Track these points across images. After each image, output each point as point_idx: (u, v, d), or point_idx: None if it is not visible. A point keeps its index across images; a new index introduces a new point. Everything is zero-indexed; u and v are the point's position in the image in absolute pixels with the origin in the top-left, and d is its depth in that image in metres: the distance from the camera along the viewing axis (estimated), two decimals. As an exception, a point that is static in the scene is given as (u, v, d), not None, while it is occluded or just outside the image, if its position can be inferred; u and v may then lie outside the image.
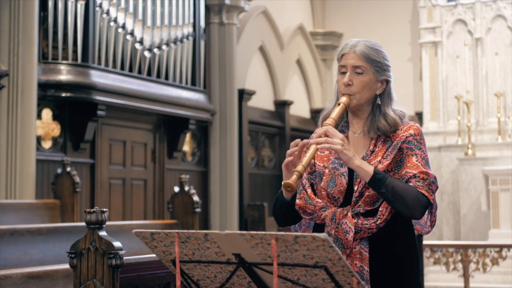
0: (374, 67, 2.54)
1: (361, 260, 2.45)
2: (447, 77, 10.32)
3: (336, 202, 2.52)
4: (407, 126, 2.54)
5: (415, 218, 2.48)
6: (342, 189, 2.50)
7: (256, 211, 9.47)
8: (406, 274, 2.51)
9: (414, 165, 2.47)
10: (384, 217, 2.45)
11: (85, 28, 7.12)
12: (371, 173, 2.42)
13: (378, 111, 2.56)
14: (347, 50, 2.56)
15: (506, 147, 9.80)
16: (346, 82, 2.54)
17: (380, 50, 2.57)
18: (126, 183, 7.98)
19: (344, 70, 2.57)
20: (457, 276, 7.36)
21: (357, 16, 11.82)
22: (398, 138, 2.51)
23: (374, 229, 2.45)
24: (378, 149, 2.52)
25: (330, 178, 2.53)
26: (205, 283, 2.10)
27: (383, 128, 2.52)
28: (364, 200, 2.47)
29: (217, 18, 9.24)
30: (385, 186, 2.41)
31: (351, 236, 2.44)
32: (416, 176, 2.45)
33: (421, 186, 2.44)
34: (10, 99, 6.28)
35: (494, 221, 9.03)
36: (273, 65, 10.74)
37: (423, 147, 2.51)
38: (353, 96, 2.54)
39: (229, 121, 9.19)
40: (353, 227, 2.44)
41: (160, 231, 2.02)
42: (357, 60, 2.53)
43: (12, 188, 6.18)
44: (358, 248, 2.46)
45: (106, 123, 7.68)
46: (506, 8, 10.12)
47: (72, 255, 3.00)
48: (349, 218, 2.45)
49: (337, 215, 2.47)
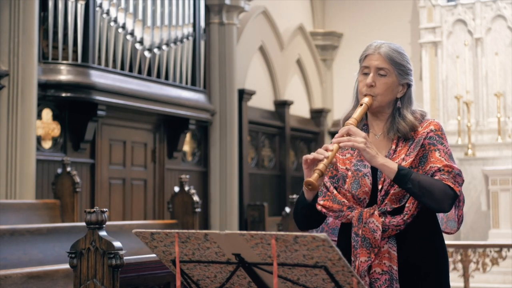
0: (398, 70, 2.54)
1: (390, 259, 2.45)
2: (447, 77, 10.32)
3: (362, 203, 2.51)
4: (427, 123, 2.54)
5: (444, 211, 2.47)
6: (367, 189, 2.50)
7: (256, 211, 9.47)
8: (435, 274, 2.51)
9: (438, 159, 2.47)
10: (411, 213, 2.45)
11: (85, 28, 7.12)
12: (395, 170, 2.42)
13: (398, 114, 2.55)
14: (371, 51, 2.56)
15: (506, 147, 9.80)
16: (369, 83, 2.53)
17: (404, 53, 2.57)
18: (126, 183, 7.98)
19: (367, 71, 2.56)
20: (457, 276, 7.36)
21: (357, 16, 11.82)
22: (419, 135, 2.51)
23: (402, 225, 2.45)
24: (400, 147, 2.53)
25: (353, 180, 2.52)
26: (205, 283, 2.10)
27: (403, 130, 2.52)
28: (390, 198, 2.47)
29: (217, 18, 9.24)
30: (411, 182, 2.40)
31: (378, 235, 2.44)
32: (441, 170, 2.45)
33: (447, 179, 2.44)
34: (10, 99, 6.28)
35: (494, 221, 9.03)
36: (273, 65, 10.74)
37: (444, 141, 2.52)
38: (375, 97, 2.53)
39: (229, 121, 9.19)
40: (381, 225, 2.44)
41: (160, 231, 2.02)
42: (381, 61, 2.53)
43: (12, 188, 6.18)
44: (387, 247, 2.46)
45: (106, 123, 7.68)
46: (506, 8, 10.12)
47: (72, 255, 3.00)
48: (376, 217, 2.45)
49: (364, 215, 2.46)
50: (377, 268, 2.46)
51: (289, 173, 10.79)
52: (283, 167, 10.70)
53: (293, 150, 11.13)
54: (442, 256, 2.55)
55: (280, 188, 10.64)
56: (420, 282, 2.48)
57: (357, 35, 11.63)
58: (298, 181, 10.98)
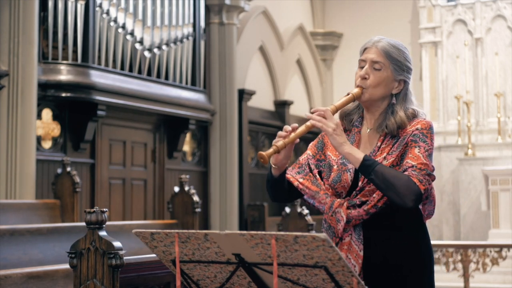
0: (393, 65, 2.54)
1: (356, 257, 2.45)
2: (447, 77, 10.32)
3: (338, 196, 2.54)
4: (416, 122, 2.52)
5: (407, 207, 2.41)
6: (346, 185, 2.52)
7: (256, 211, 9.47)
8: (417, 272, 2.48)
9: (415, 156, 2.45)
10: (373, 203, 2.45)
11: (85, 28, 7.12)
12: (360, 160, 2.43)
13: (391, 110, 2.55)
14: (369, 44, 2.57)
15: (506, 147, 9.80)
16: (363, 75, 2.54)
17: (403, 50, 2.57)
18: (126, 183, 7.98)
19: (363, 64, 2.57)
20: (457, 276, 7.36)
21: (357, 16, 11.82)
22: (405, 133, 2.51)
23: (364, 215, 2.46)
24: (385, 145, 2.52)
25: (337, 174, 2.55)
26: (205, 283, 2.10)
27: (390, 127, 2.51)
28: (363, 193, 2.49)
29: (217, 18, 9.24)
30: (374, 173, 2.40)
31: (341, 225, 2.46)
32: (414, 166, 2.43)
33: (415, 175, 2.41)
34: (10, 99, 6.28)
35: (494, 221, 9.03)
36: (273, 65, 10.74)
37: (428, 140, 2.48)
38: (366, 90, 2.54)
39: (229, 121, 9.19)
40: (345, 217, 2.46)
41: (160, 231, 2.02)
42: (377, 55, 2.54)
43: (12, 188, 6.18)
44: (348, 239, 2.47)
45: (106, 123, 7.68)
46: (506, 8, 10.12)
47: (72, 255, 3.00)
48: (344, 208, 2.47)
49: (335, 204, 2.49)
50: None
51: (289, 173, 10.78)
52: (283, 167, 10.69)
53: (293, 150, 11.11)
54: (426, 254, 2.52)
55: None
56: (403, 280, 2.46)
57: (357, 35, 11.63)
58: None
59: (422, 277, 2.50)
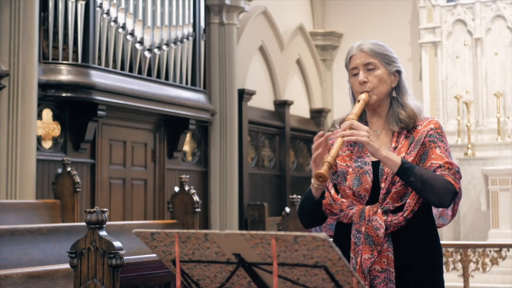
0: (383, 60, 2.57)
1: (387, 261, 2.47)
2: (447, 77, 10.32)
3: (362, 200, 2.52)
4: (427, 121, 2.57)
5: (445, 206, 2.49)
6: (368, 187, 2.51)
7: (256, 211, 9.47)
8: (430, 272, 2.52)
9: (439, 156, 2.50)
10: (411, 208, 2.47)
11: (85, 28, 7.12)
12: (399, 163, 2.44)
13: (397, 103, 2.58)
14: (353, 52, 2.59)
15: (506, 147, 9.80)
16: (362, 80, 2.55)
17: (384, 45, 2.62)
18: (126, 183, 7.98)
19: (356, 72, 2.58)
20: (457, 276, 7.36)
21: (357, 16, 11.82)
22: (420, 133, 2.54)
23: (402, 222, 2.47)
24: (401, 145, 2.54)
25: (354, 177, 2.54)
26: (205, 283, 2.11)
27: (405, 120, 2.54)
28: (392, 196, 2.49)
29: (217, 18, 9.24)
30: (413, 175, 2.42)
31: (382, 233, 2.45)
32: (442, 166, 2.48)
33: (447, 175, 2.46)
34: (10, 99, 6.28)
35: (494, 221, 9.03)
36: (273, 65, 10.74)
37: (444, 139, 2.55)
38: (371, 92, 2.55)
39: (229, 121, 9.19)
40: (384, 223, 2.45)
41: (160, 231, 2.03)
42: (366, 57, 2.56)
43: (12, 188, 6.18)
44: (386, 246, 2.48)
45: (106, 123, 7.68)
46: (505, 8, 10.12)
47: (72, 255, 3.00)
48: (379, 215, 2.46)
49: (367, 212, 2.48)
50: (377, 265, 2.48)
51: (289, 173, 10.79)
52: (283, 167, 10.70)
53: (293, 150, 11.13)
54: (436, 253, 2.56)
55: (280, 188, 10.65)
56: (415, 280, 2.49)
57: (357, 35, 11.61)
58: (298, 181, 10.98)
59: (433, 277, 2.54)
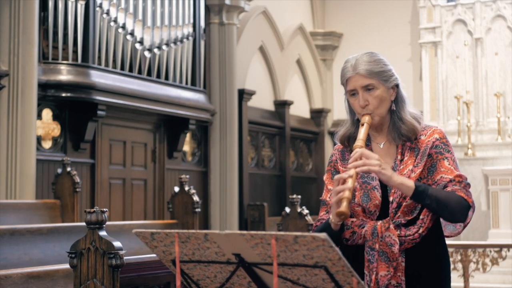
0: (381, 78, 2.53)
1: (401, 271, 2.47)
2: (447, 77, 10.32)
3: (372, 216, 2.51)
4: (431, 131, 2.56)
5: (461, 222, 2.52)
6: (377, 202, 2.50)
7: (256, 211, 9.47)
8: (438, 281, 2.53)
9: (448, 169, 2.50)
10: (426, 225, 2.48)
11: (85, 28, 7.12)
12: (413, 187, 2.42)
13: (397, 118, 2.57)
14: (350, 73, 2.54)
15: (506, 147, 9.80)
16: (363, 104, 2.53)
17: (378, 59, 2.56)
18: (126, 183, 7.98)
19: (354, 93, 2.56)
20: (457, 276, 7.36)
21: (357, 16, 11.82)
22: (425, 144, 2.53)
23: (417, 238, 2.47)
24: (407, 157, 2.53)
25: (363, 193, 2.53)
26: (205, 283, 2.10)
27: (406, 134, 2.54)
28: (403, 210, 2.47)
29: (217, 18, 9.24)
30: (429, 197, 2.42)
31: (397, 249, 2.45)
32: (453, 180, 2.48)
33: (459, 189, 2.48)
34: (10, 99, 6.28)
35: (494, 221, 9.03)
36: (273, 65, 10.74)
37: (450, 149, 2.54)
38: (373, 114, 2.54)
39: (229, 121, 9.19)
40: (397, 239, 2.45)
41: (160, 231, 2.03)
42: (364, 79, 2.52)
43: (12, 188, 6.18)
44: (400, 260, 2.47)
45: (106, 123, 7.68)
46: (506, 8, 10.12)
47: (72, 255, 3.00)
48: (392, 231, 2.46)
49: (379, 229, 2.47)
50: (393, 280, 2.48)
51: (289, 173, 10.79)
52: (283, 167, 10.70)
53: (293, 150, 11.13)
54: (445, 262, 2.57)
55: (280, 188, 10.65)
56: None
57: (357, 35, 11.63)
58: (298, 181, 10.99)
59: (442, 284, 2.55)
